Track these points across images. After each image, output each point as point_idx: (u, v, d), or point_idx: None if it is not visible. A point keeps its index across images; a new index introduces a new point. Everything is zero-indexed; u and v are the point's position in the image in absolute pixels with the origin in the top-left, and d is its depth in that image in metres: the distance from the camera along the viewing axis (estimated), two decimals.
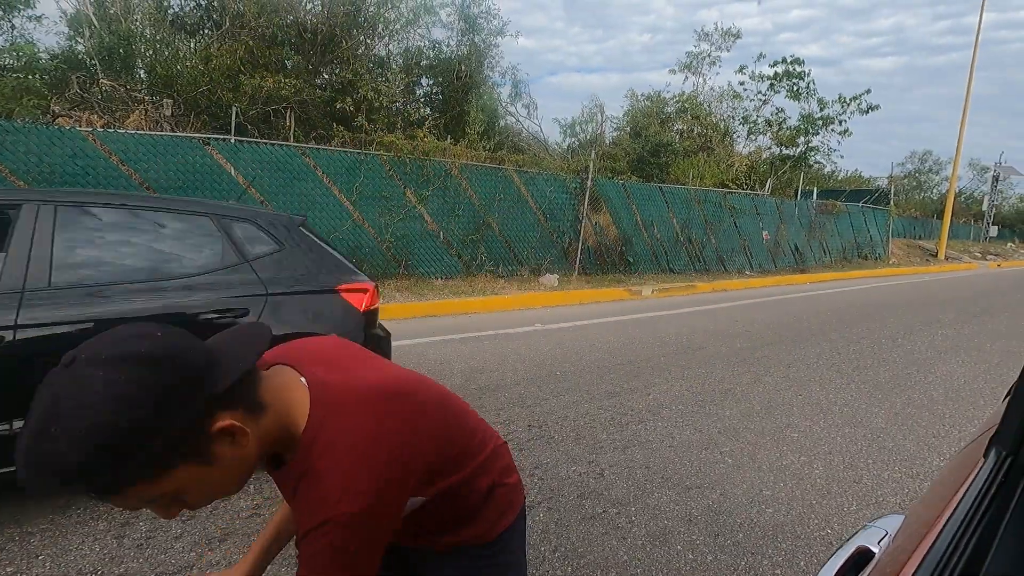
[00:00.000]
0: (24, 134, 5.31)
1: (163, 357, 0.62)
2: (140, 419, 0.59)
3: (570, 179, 9.42)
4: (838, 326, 6.75)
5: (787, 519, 2.43)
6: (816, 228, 14.23)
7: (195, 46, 10.89)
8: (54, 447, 0.57)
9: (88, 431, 0.57)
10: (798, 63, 18.08)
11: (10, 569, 1.90)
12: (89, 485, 0.60)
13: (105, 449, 0.58)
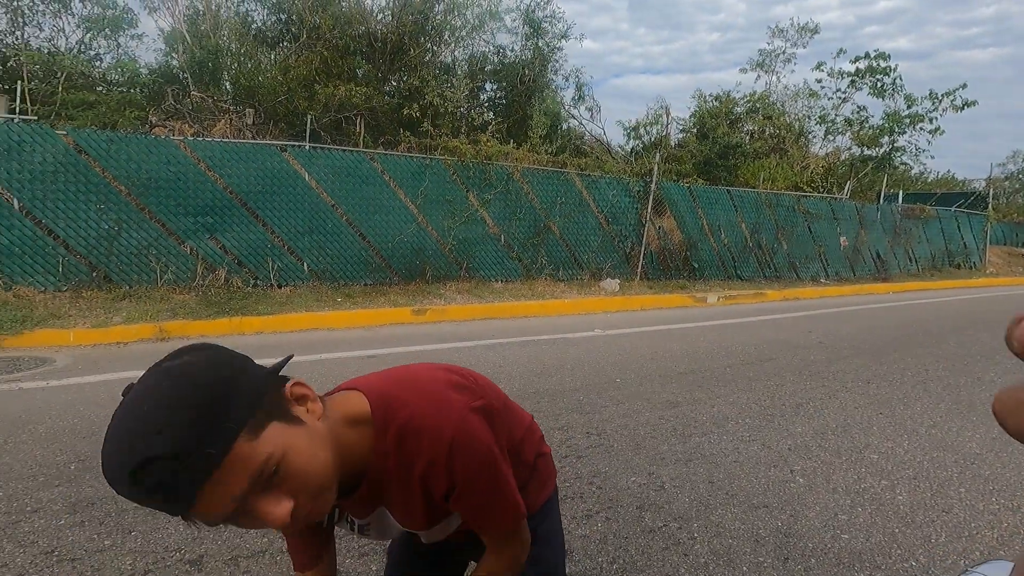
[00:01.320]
0: (126, 143, 5.82)
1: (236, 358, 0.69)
2: (224, 379, 0.62)
3: (633, 182, 9.26)
4: (925, 340, 6.25)
5: (865, 547, 2.27)
6: (901, 234, 13.26)
7: (275, 58, 11.57)
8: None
9: (179, 402, 0.59)
10: (883, 57, 16.91)
11: (108, 542, 2.07)
12: (199, 455, 0.57)
13: (199, 407, 0.58)
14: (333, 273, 6.93)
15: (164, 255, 6.01)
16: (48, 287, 5.52)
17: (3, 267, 5.35)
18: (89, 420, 3.11)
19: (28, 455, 2.68)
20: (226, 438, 0.58)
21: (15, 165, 5.34)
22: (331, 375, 4.05)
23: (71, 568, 1.92)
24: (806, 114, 18.06)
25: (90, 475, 2.53)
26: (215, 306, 5.68)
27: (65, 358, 4.31)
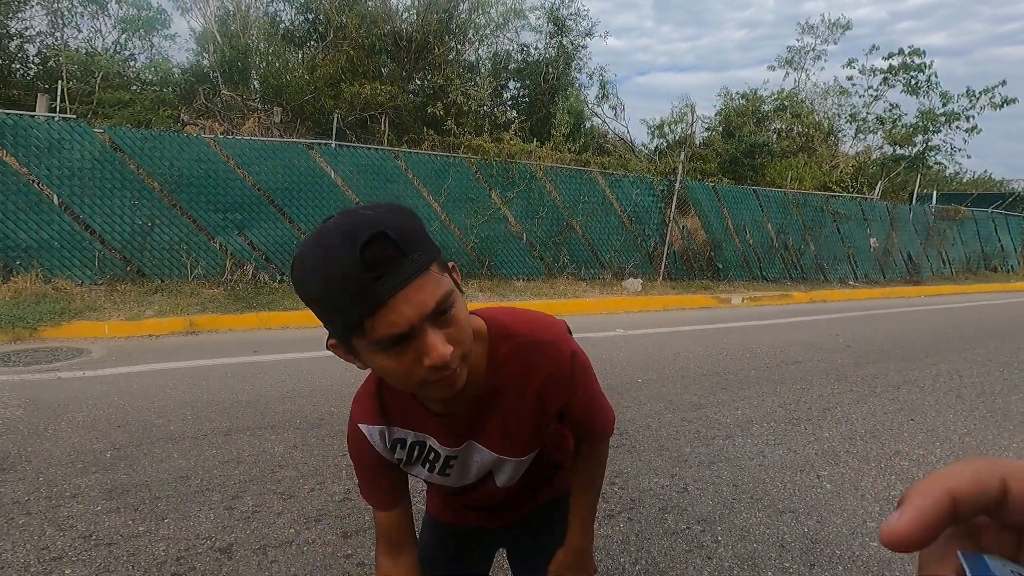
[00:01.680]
0: (159, 141, 5.97)
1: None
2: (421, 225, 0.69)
3: (657, 181, 9.17)
4: (959, 345, 6.07)
5: (896, 556, 2.22)
6: (934, 236, 12.87)
7: (302, 57, 11.75)
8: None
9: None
10: (917, 54, 16.43)
11: (141, 528, 2.14)
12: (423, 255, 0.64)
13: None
14: None
15: (195, 250, 6.16)
16: (85, 280, 5.71)
17: (43, 261, 5.55)
18: (123, 410, 3.21)
19: (66, 442, 2.78)
20: (431, 254, 0.65)
21: (55, 162, 5.53)
22: (357, 370, 4.10)
23: (107, 552, 1.99)
24: (836, 112, 17.66)
25: (125, 463, 2.61)
26: (243, 301, 5.80)
27: (100, 349, 4.45)
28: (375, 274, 0.60)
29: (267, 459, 2.71)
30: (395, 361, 0.66)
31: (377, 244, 0.60)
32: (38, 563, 1.92)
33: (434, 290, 0.64)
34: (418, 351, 0.65)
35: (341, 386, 3.77)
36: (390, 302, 0.61)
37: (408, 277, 0.62)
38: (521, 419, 0.85)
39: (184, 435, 2.92)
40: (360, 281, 0.60)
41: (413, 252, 0.62)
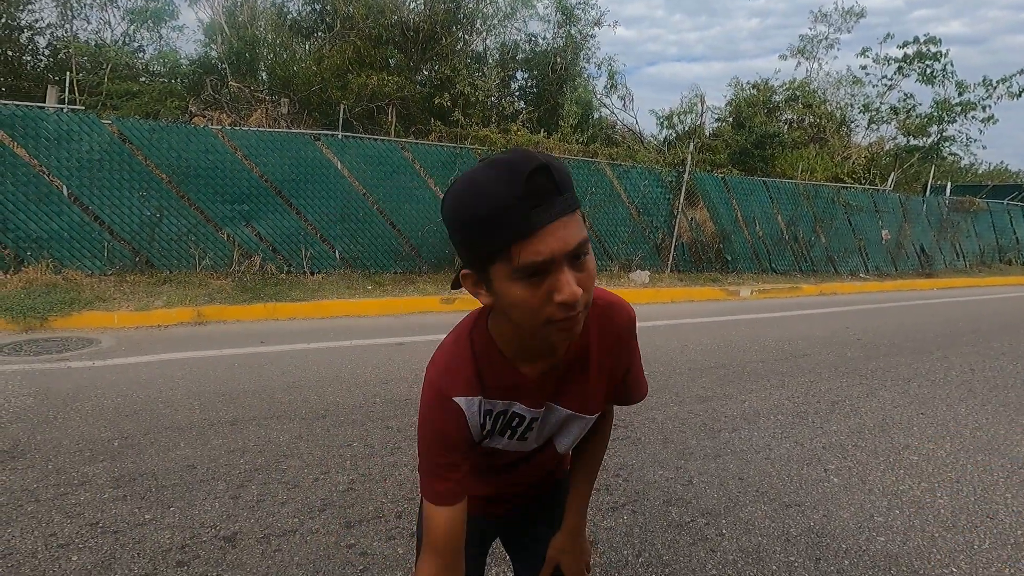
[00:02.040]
0: (167, 132, 5.99)
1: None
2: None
3: (665, 172, 9.08)
4: (972, 339, 5.99)
5: (903, 551, 2.19)
6: (948, 228, 12.68)
7: (309, 48, 11.71)
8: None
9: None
10: (933, 42, 16.11)
11: (148, 516, 2.16)
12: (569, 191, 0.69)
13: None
14: (364, 261, 7.02)
15: (203, 241, 6.19)
16: (94, 271, 5.76)
17: (53, 251, 5.60)
18: (131, 399, 3.24)
19: (75, 431, 2.81)
20: (578, 203, 0.71)
21: (64, 154, 5.56)
22: (362, 361, 4.11)
23: (114, 540, 2.01)
24: (849, 102, 17.38)
25: (133, 451, 2.63)
26: (250, 292, 5.82)
27: (110, 339, 4.49)
28: (533, 203, 0.65)
29: (272, 449, 2.73)
30: (528, 292, 0.69)
31: (540, 176, 0.65)
32: (45, 549, 1.94)
33: (577, 232, 0.68)
34: (551, 286, 0.68)
35: (347, 377, 3.78)
36: (541, 231, 0.65)
37: (560, 212, 0.66)
38: (600, 377, 0.90)
39: (191, 425, 2.94)
40: (519, 207, 0.64)
41: (567, 192, 0.68)
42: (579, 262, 0.69)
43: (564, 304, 0.68)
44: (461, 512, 0.83)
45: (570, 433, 0.95)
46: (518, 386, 0.85)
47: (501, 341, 0.83)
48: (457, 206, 0.69)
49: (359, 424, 3.05)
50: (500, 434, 0.88)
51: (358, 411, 3.22)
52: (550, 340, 0.76)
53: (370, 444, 2.82)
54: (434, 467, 0.83)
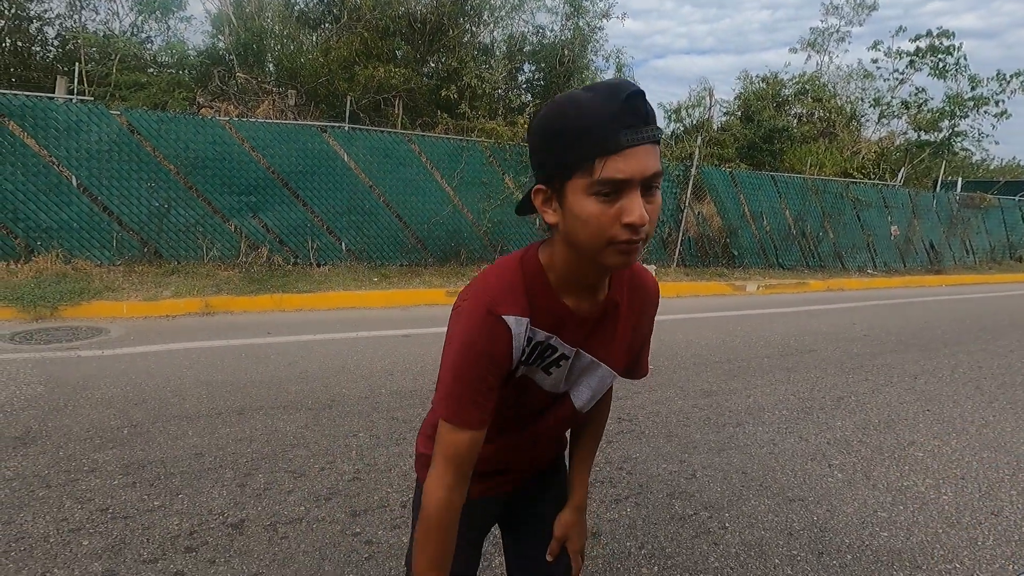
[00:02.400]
0: (175, 123, 6.01)
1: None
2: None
3: (673, 166, 9.04)
4: (980, 336, 5.94)
5: (906, 546, 2.20)
6: (958, 224, 12.55)
7: (316, 39, 11.69)
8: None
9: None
10: (946, 36, 15.90)
11: (157, 503, 2.19)
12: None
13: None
14: (370, 253, 7.04)
15: (210, 232, 6.23)
16: (103, 261, 5.80)
17: (63, 241, 5.64)
18: (140, 388, 3.28)
19: (85, 418, 2.85)
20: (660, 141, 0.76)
21: (73, 144, 5.59)
22: (368, 352, 4.14)
23: (123, 525, 2.04)
24: (859, 96, 17.21)
25: (141, 439, 2.67)
26: (257, 283, 5.86)
27: (118, 329, 4.53)
28: (627, 123, 0.70)
29: (279, 438, 2.75)
30: (600, 209, 0.72)
31: (637, 100, 0.71)
32: (57, 534, 1.97)
33: (656, 163, 0.73)
34: (621, 208, 0.72)
35: (353, 368, 3.80)
36: (627, 150, 0.70)
37: (647, 139, 0.72)
38: (625, 334, 0.94)
39: (199, 413, 2.98)
40: (613, 124, 0.70)
41: (655, 125, 0.73)
42: (651, 194, 0.74)
43: (630, 226, 0.72)
44: (482, 436, 0.84)
45: (588, 387, 0.95)
46: (562, 318, 0.86)
47: (551, 270, 0.84)
48: (553, 116, 0.74)
49: (365, 415, 3.07)
50: (539, 367, 0.88)
51: (364, 402, 3.24)
52: (606, 263, 0.77)
53: (376, 435, 2.84)
54: (473, 392, 0.81)
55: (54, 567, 1.81)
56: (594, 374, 0.94)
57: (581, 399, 0.96)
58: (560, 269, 0.83)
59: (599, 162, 0.70)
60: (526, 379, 0.89)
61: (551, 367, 0.89)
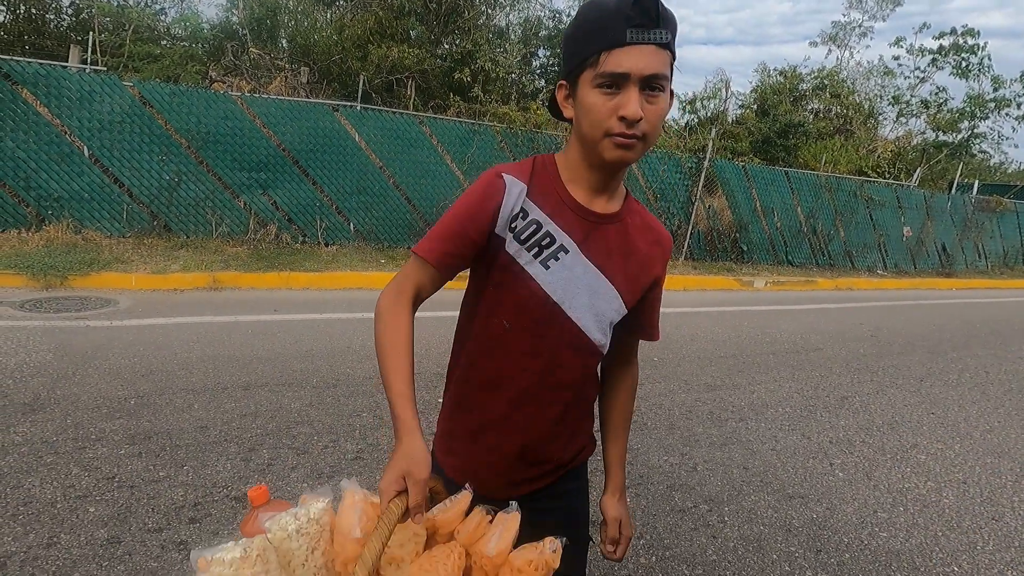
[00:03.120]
0: (188, 97, 5.99)
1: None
2: None
3: (685, 158, 8.95)
4: (989, 341, 5.90)
5: (904, 547, 2.20)
6: (972, 227, 12.40)
7: (330, 17, 11.58)
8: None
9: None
10: (971, 34, 15.61)
11: (162, 474, 2.21)
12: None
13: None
14: (378, 234, 7.04)
15: (219, 208, 6.23)
16: (113, 232, 5.83)
17: (74, 211, 5.67)
18: (147, 360, 3.30)
19: (93, 388, 2.88)
20: (672, 49, 0.81)
21: (86, 114, 5.59)
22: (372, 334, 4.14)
23: (129, 494, 2.07)
24: (878, 94, 16.95)
25: (148, 410, 2.69)
26: (265, 260, 5.87)
27: (127, 300, 4.56)
28: (633, 23, 0.76)
29: (284, 415, 2.78)
30: (600, 101, 0.79)
31: (650, 3, 0.76)
32: (64, 500, 2.00)
33: (659, 65, 0.78)
34: (619, 103, 0.78)
35: (359, 348, 3.82)
36: (628, 47, 0.76)
37: (651, 40, 0.77)
38: (629, 259, 0.95)
39: (205, 387, 3.00)
40: (618, 21, 0.76)
41: (666, 30, 0.78)
42: (651, 94, 0.79)
43: (624, 119, 0.78)
44: (432, 279, 0.91)
45: (591, 308, 0.92)
46: (563, 202, 0.90)
47: (563, 165, 0.92)
48: (577, 15, 0.82)
49: (369, 395, 3.09)
50: (528, 249, 0.89)
51: (368, 382, 3.26)
52: (605, 157, 0.83)
53: (379, 415, 2.86)
54: (446, 230, 0.88)
55: (60, 532, 1.84)
56: (595, 290, 0.91)
57: (582, 319, 0.92)
58: (570, 162, 0.90)
59: (604, 55, 0.77)
60: (522, 270, 0.89)
61: (549, 260, 0.89)
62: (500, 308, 0.92)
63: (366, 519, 0.75)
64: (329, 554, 0.75)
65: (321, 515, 0.75)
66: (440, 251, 0.89)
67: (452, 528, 0.81)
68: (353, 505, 0.76)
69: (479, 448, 0.98)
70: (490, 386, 0.96)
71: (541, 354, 0.93)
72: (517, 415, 0.95)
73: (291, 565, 0.72)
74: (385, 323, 0.90)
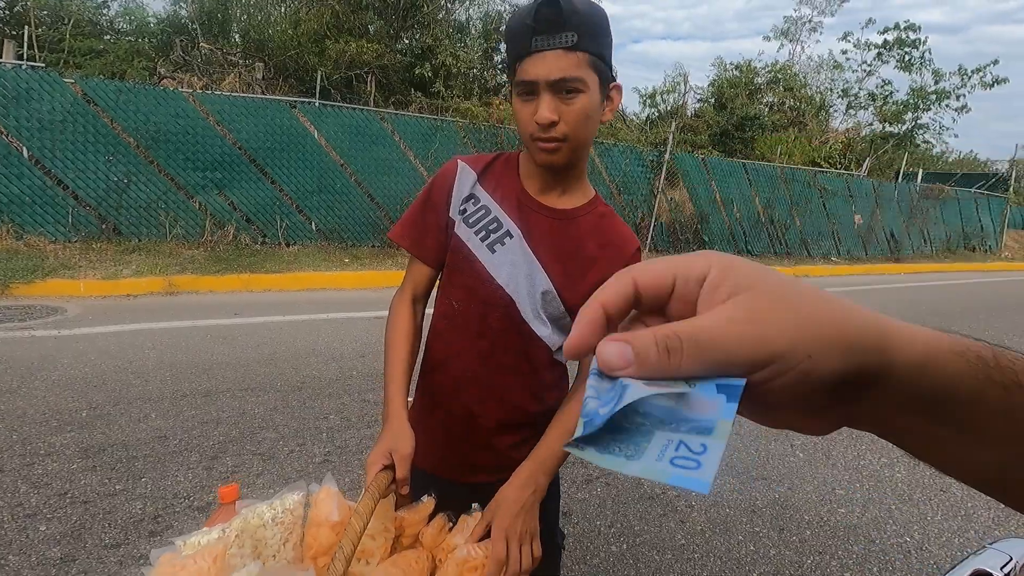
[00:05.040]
0: (135, 94, 5.74)
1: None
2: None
3: (647, 152, 9.09)
4: (933, 322, 6.15)
5: (861, 521, 2.30)
6: (917, 214, 13.01)
7: (285, 10, 11.27)
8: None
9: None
10: (912, 29, 16.32)
11: (119, 487, 2.13)
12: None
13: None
14: (341, 233, 6.91)
15: (173, 209, 6.00)
16: (58, 237, 5.55)
17: (13, 216, 5.37)
18: (100, 369, 3.16)
19: (41, 401, 2.74)
20: (590, 49, 0.81)
21: (24, 113, 5.29)
22: (340, 334, 4.08)
23: (83, 510, 1.98)
24: (828, 87, 17.57)
25: (101, 422, 2.58)
26: (224, 262, 5.70)
27: (76, 308, 4.36)
28: (539, 31, 0.78)
29: (247, 421, 2.70)
30: (521, 107, 0.84)
31: (550, 8, 0.77)
32: (12, 520, 1.90)
33: (567, 67, 0.79)
34: (534, 108, 0.82)
35: (323, 350, 3.75)
36: (534, 55, 0.79)
37: (556, 45, 0.78)
38: (572, 257, 0.94)
39: (162, 395, 2.90)
40: (526, 31, 0.79)
41: (572, 32, 0.78)
42: (567, 97, 0.81)
43: (540, 124, 0.81)
44: (430, 274, 1.00)
45: (530, 296, 0.93)
46: (513, 192, 0.95)
47: (524, 159, 0.96)
48: (506, 24, 0.87)
49: (336, 397, 3.04)
50: (476, 233, 0.95)
51: (335, 384, 3.20)
52: (536, 159, 0.89)
53: (347, 417, 2.82)
54: (413, 216, 0.99)
55: (9, 553, 1.75)
56: (533, 281, 0.93)
57: (523, 306, 0.94)
58: (528, 159, 0.94)
59: (518, 65, 0.82)
60: (470, 252, 0.94)
61: (495, 244, 0.93)
62: (451, 288, 0.98)
63: (344, 508, 0.76)
64: (299, 549, 0.75)
65: (296, 506, 0.76)
66: (410, 235, 0.98)
67: (417, 531, 0.83)
68: (330, 495, 0.77)
69: (434, 425, 1.02)
70: (440, 366, 1.02)
71: (486, 335, 0.96)
72: (464, 395, 0.99)
73: (262, 556, 0.72)
74: (388, 321, 0.99)
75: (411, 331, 0.98)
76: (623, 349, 0.24)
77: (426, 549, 0.81)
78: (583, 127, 0.84)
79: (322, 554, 0.73)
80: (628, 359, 0.24)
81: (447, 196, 0.95)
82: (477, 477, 1.03)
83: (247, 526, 0.70)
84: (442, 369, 1.01)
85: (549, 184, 0.94)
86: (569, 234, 0.94)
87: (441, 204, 0.96)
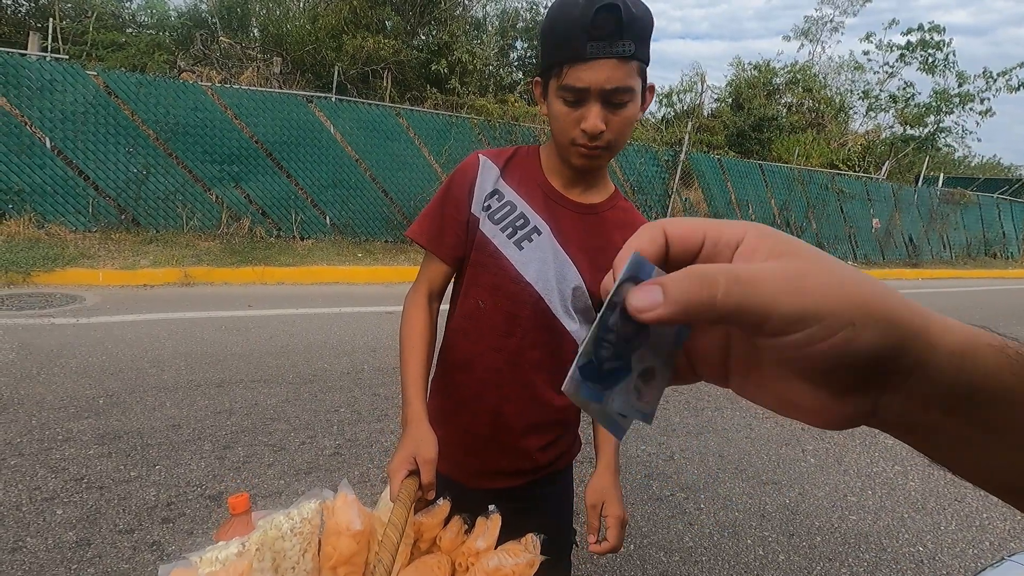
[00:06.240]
0: (155, 87, 5.81)
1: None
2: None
3: (662, 151, 9.03)
4: None
5: (872, 529, 2.27)
6: (937, 219, 12.78)
7: (303, 5, 11.35)
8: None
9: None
10: (937, 31, 16.00)
11: (133, 473, 2.16)
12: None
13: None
14: (354, 228, 6.95)
15: (190, 201, 6.08)
16: (78, 227, 5.64)
17: (36, 205, 5.47)
18: (117, 358, 3.22)
19: (59, 387, 2.79)
20: (640, 56, 0.80)
21: (47, 104, 5.38)
22: (351, 328, 4.11)
23: (99, 495, 2.02)
24: (849, 88, 17.31)
25: (118, 409, 2.63)
26: (239, 255, 5.76)
27: (94, 297, 4.43)
28: (595, 36, 0.75)
29: (259, 412, 2.73)
30: (564, 111, 0.82)
31: (610, 14, 0.74)
32: (30, 503, 1.94)
33: (621, 77, 0.78)
34: (581, 115, 0.81)
35: (335, 343, 3.78)
36: (590, 62, 0.77)
37: (611, 54, 0.76)
38: (600, 252, 0.94)
39: (177, 385, 2.94)
40: (579, 35, 0.76)
41: (630, 42, 0.76)
42: (615, 107, 0.80)
43: (586, 132, 0.81)
44: (447, 273, 0.98)
45: (559, 292, 0.92)
46: (539, 187, 0.94)
47: (545, 154, 0.95)
48: (547, 18, 0.81)
49: (346, 390, 3.06)
50: (503, 230, 0.93)
51: (346, 377, 3.22)
52: (571, 162, 0.88)
53: (357, 410, 2.84)
54: (432, 212, 0.96)
55: (27, 536, 1.79)
56: (563, 276, 0.92)
57: (554, 302, 0.93)
58: (550, 153, 0.94)
59: (566, 69, 0.79)
60: (496, 250, 0.92)
61: (523, 241, 0.92)
62: (476, 288, 0.95)
63: (365, 516, 0.75)
64: (317, 560, 0.74)
65: (313, 515, 0.74)
66: (428, 231, 0.95)
67: (434, 535, 0.82)
68: (348, 503, 0.75)
69: (455, 429, 1.00)
70: (464, 366, 0.99)
71: (514, 334, 0.94)
72: (490, 395, 0.96)
73: (281, 568, 0.70)
74: (403, 319, 0.98)
75: (428, 331, 0.96)
76: (651, 289, 0.23)
77: (445, 553, 0.80)
78: (626, 134, 0.84)
79: (342, 564, 0.71)
80: (656, 300, 0.23)
81: (469, 192, 0.93)
82: (495, 482, 1.00)
83: (266, 538, 0.69)
84: (466, 369, 0.98)
85: (574, 180, 0.94)
86: (596, 229, 0.94)
87: (463, 200, 0.93)
